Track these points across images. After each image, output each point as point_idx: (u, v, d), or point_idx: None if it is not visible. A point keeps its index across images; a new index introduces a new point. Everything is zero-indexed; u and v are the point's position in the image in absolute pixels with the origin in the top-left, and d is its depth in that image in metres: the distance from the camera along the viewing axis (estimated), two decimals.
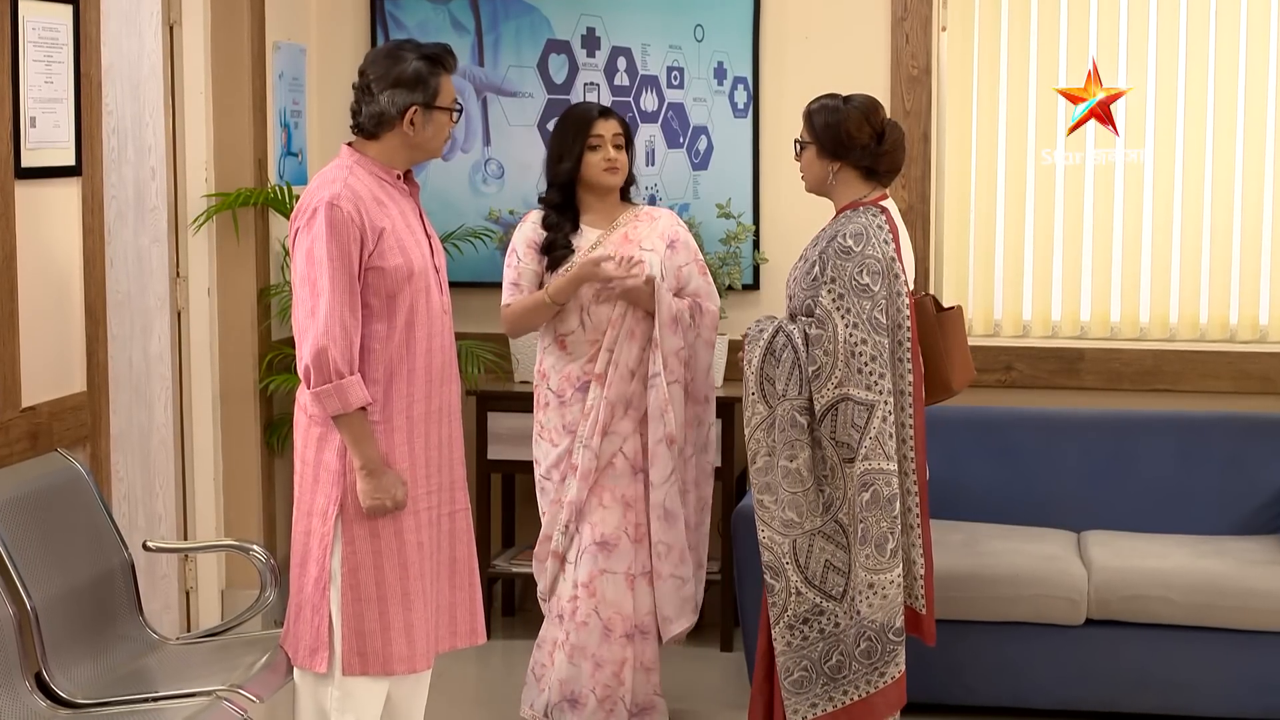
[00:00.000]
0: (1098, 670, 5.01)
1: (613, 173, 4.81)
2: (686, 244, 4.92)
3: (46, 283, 4.44)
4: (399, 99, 4.01)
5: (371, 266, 3.95)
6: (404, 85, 4.01)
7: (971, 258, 6.03)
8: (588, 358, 4.79)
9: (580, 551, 4.81)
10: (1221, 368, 5.85)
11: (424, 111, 4.03)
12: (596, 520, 4.79)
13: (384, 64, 4.03)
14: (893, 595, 4.28)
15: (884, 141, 4.41)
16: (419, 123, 4.03)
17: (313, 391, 3.92)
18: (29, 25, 4.31)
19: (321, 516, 4.01)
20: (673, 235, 4.89)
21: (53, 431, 4.41)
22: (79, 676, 3.99)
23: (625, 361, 4.76)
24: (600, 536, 4.79)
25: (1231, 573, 5.00)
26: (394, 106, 4.01)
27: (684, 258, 4.89)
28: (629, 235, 4.84)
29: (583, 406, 4.78)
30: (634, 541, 4.81)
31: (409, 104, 4.01)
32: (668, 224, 4.91)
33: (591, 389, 4.77)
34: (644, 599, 4.85)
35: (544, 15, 6.14)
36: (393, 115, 4.02)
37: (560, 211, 4.83)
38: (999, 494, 5.56)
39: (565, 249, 4.79)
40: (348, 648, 4.02)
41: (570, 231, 4.81)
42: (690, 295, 4.87)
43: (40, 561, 4.01)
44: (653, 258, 4.81)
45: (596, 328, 4.78)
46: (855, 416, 4.23)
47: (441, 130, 4.09)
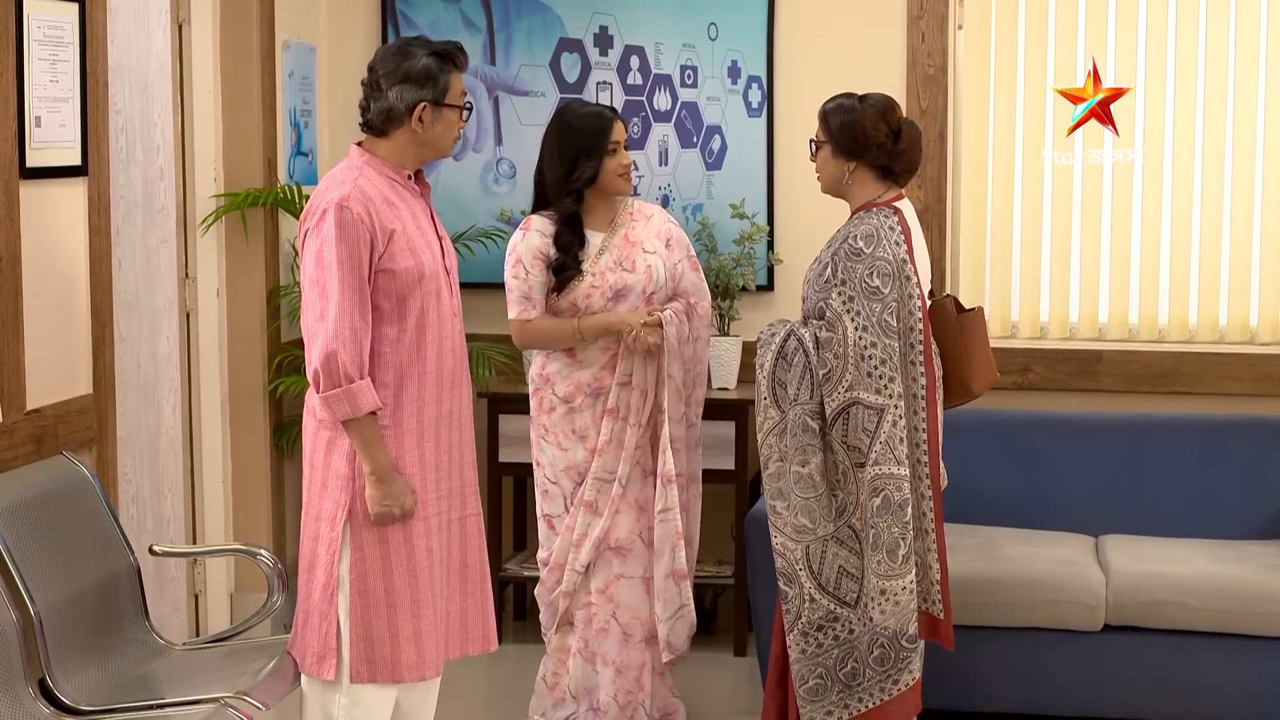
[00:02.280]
0: (1116, 677, 4.96)
1: (627, 179, 4.76)
2: (680, 240, 4.88)
3: (52, 284, 4.41)
4: (408, 95, 3.96)
5: (382, 269, 3.90)
6: (413, 81, 3.96)
7: (988, 258, 5.98)
8: (600, 365, 4.74)
9: (595, 557, 4.76)
10: (1242, 370, 5.80)
11: (433, 108, 3.98)
12: (610, 525, 4.74)
13: (393, 60, 3.99)
14: (905, 602, 4.24)
15: (900, 140, 4.37)
16: (428, 120, 3.98)
17: (322, 396, 3.87)
18: (34, 23, 4.27)
19: (330, 522, 3.96)
20: (667, 233, 4.85)
21: (58, 434, 4.37)
22: (83, 683, 3.95)
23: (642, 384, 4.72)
24: (615, 541, 4.75)
25: (1251, 578, 4.95)
26: (402, 103, 3.96)
27: (678, 254, 4.85)
28: (629, 237, 4.79)
29: (594, 413, 4.73)
30: (647, 545, 4.78)
31: (417, 100, 3.96)
32: (661, 222, 4.86)
33: (605, 425, 4.72)
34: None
35: (556, 13, 6.10)
36: (401, 111, 3.97)
37: (571, 228, 4.73)
38: (1016, 498, 5.51)
39: (576, 269, 4.72)
40: (356, 655, 3.97)
41: (580, 248, 4.73)
42: (683, 294, 4.83)
43: (44, 566, 3.97)
44: (656, 260, 4.78)
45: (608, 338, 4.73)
46: (865, 420, 4.19)
47: (451, 128, 4.04)
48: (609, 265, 4.72)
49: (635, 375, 4.72)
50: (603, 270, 4.71)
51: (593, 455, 4.75)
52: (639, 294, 4.74)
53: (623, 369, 4.71)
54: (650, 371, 4.72)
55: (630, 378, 4.72)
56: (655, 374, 4.72)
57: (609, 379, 4.74)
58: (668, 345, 4.69)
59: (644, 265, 4.75)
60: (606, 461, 4.73)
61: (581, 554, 4.75)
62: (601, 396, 4.74)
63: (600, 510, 4.74)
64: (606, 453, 4.73)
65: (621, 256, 4.74)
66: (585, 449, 4.76)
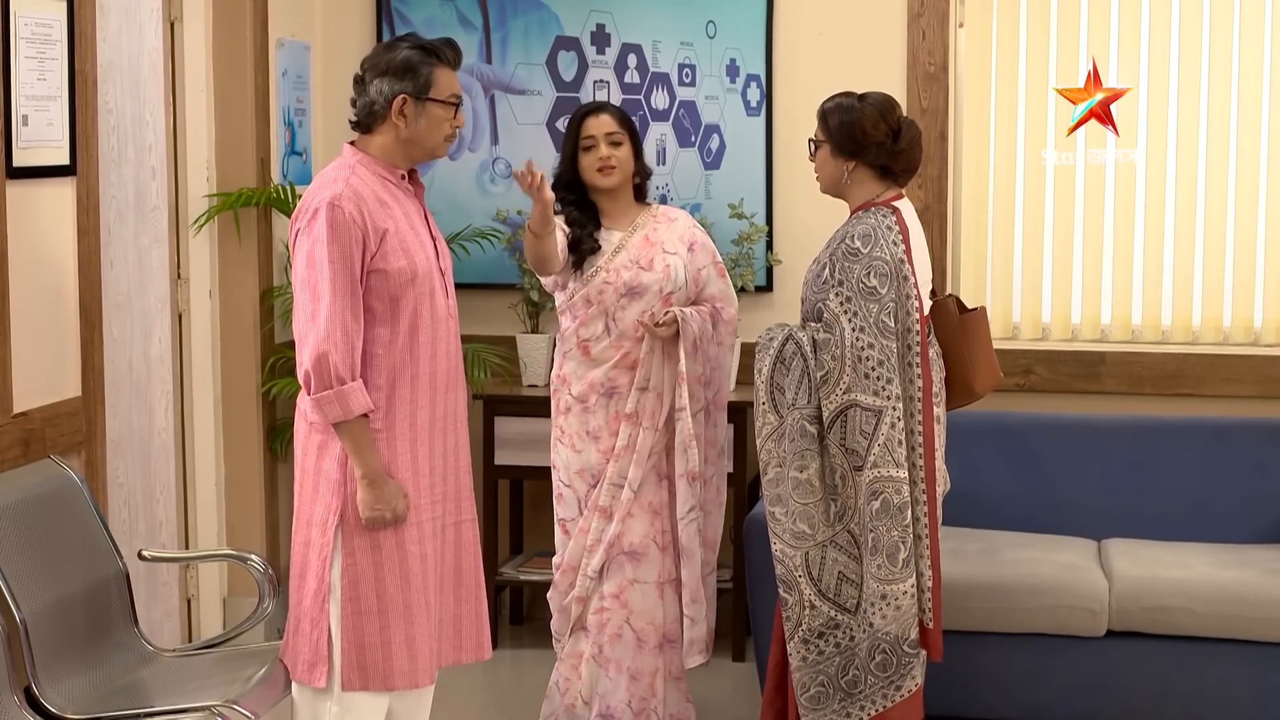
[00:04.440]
0: (1119, 683, 4.91)
1: (606, 173, 4.71)
2: (705, 246, 4.84)
3: (39, 285, 4.35)
4: (386, 88, 3.89)
5: (374, 269, 3.84)
6: (393, 74, 3.89)
7: (989, 259, 5.94)
8: (612, 364, 4.69)
9: (608, 561, 4.71)
10: (1246, 372, 5.75)
11: (414, 102, 3.90)
12: (624, 529, 4.69)
13: (378, 54, 3.94)
14: (907, 606, 4.20)
15: (900, 140, 4.34)
16: (410, 114, 3.91)
17: (313, 398, 3.81)
18: (21, 21, 4.22)
19: (320, 527, 3.90)
20: (691, 238, 4.81)
21: (45, 438, 4.32)
22: (70, 690, 3.90)
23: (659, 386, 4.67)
24: (629, 546, 4.70)
25: (1257, 583, 4.91)
26: (382, 96, 3.90)
27: (703, 260, 4.81)
28: (649, 237, 4.75)
29: (607, 413, 4.69)
30: (662, 549, 4.74)
31: (397, 93, 3.89)
32: (685, 226, 4.83)
33: (623, 430, 4.68)
34: (672, 607, 4.77)
35: (553, 11, 6.06)
36: (382, 105, 3.90)
37: (581, 209, 4.74)
38: (1017, 501, 5.47)
39: (593, 246, 4.69)
40: (347, 662, 3.91)
41: (594, 229, 4.71)
42: (708, 299, 4.80)
43: (31, 572, 3.92)
44: (676, 261, 4.74)
45: (623, 334, 4.69)
46: (863, 423, 4.15)
47: (436, 124, 3.95)
48: (624, 263, 4.69)
49: (653, 378, 4.67)
50: (617, 267, 4.69)
51: (606, 456, 4.70)
52: (656, 293, 4.70)
53: (641, 373, 4.67)
54: (668, 374, 4.68)
55: (649, 381, 4.67)
56: (671, 376, 4.67)
57: (623, 378, 4.69)
58: (685, 339, 4.64)
59: (662, 265, 4.72)
60: (622, 467, 4.68)
61: (594, 559, 4.70)
62: (615, 396, 4.69)
63: (613, 515, 4.69)
64: (623, 458, 4.68)
65: (639, 255, 4.71)
66: (598, 450, 4.71)
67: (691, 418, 4.67)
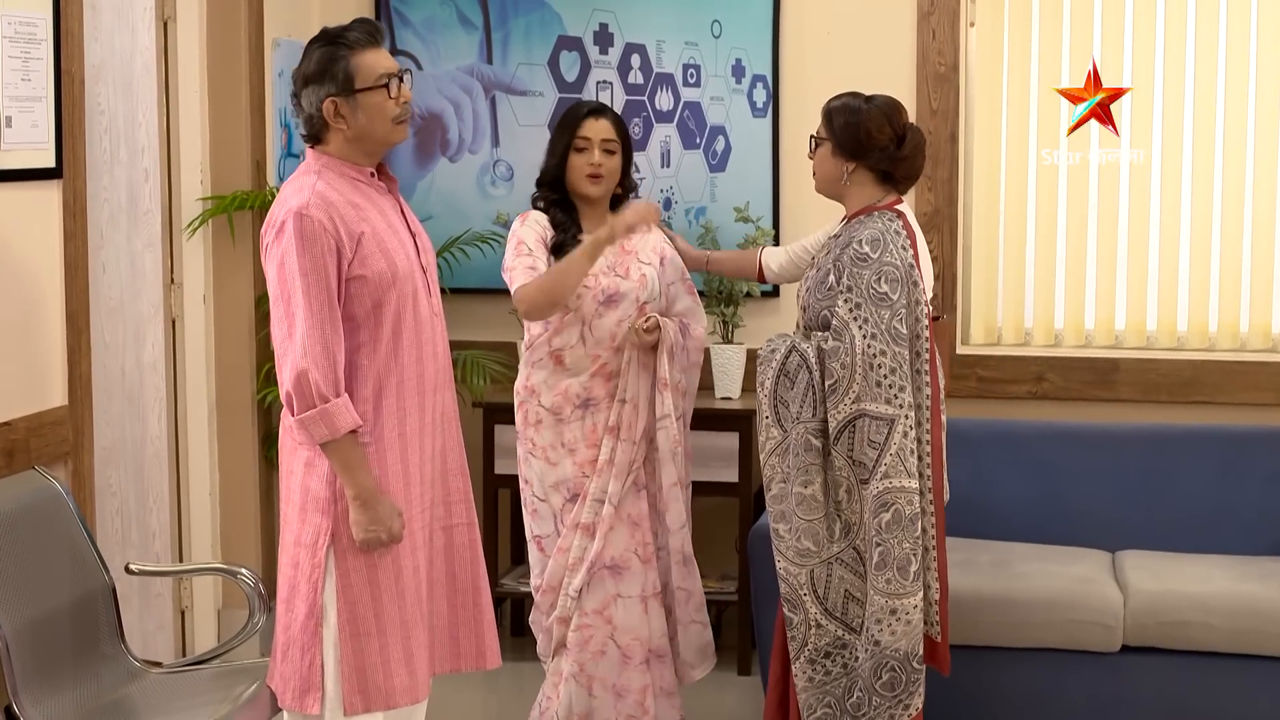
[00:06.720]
0: (1134, 700, 4.84)
1: (595, 180, 4.60)
2: (673, 261, 4.76)
3: (22, 291, 4.26)
4: (314, 96, 3.76)
5: (353, 275, 3.70)
6: (314, 80, 3.76)
7: (1001, 263, 5.85)
8: (589, 373, 4.58)
9: (589, 576, 4.59)
10: (1264, 379, 5.67)
11: (344, 100, 3.75)
12: (603, 544, 4.57)
13: (299, 64, 3.80)
14: (916, 621, 4.11)
15: (904, 145, 4.26)
16: (346, 113, 3.75)
17: (297, 419, 3.65)
18: (4, 20, 4.13)
19: (309, 549, 3.74)
20: (661, 251, 4.74)
21: (30, 448, 4.22)
22: (53, 709, 3.81)
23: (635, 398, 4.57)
24: (610, 560, 4.58)
25: (1276, 596, 4.83)
26: (313, 105, 3.76)
27: (672, 275, 4.74)
28: (625, 245, 4.66)
29: (584, 426, 4.57)
30: (644, 562, 4.62)
31: (324, 97, 3.75)
32: (657, 238, 4.75)
33: (604, 444, 4.57)
34: (658, 621, 4.66)
35: (555, 11, 5.97)
36: (317, 114, 3.76)
37: (564, 210, 4.64)
38: (1029, 512, 5.39)
39: (576, 245, 4.56)
40: (349, 687, 3.74)
41: (577, 233, 4.61)
42: (678, 315, 4.71)
43: (13, 586, 3.82)
44: (650, 271, 4.67)
45: (599, 343, 4.57)
46: (873, 432, 4.05)
47: (377, 112, 3.77)
48: (602, 269, 4.59)
49: (629, 390, 4.56)
50: (595, 274, 4.57)
51: (583, 469, 4.59)
52: (633, 300, 4.61)
53: (621, 385, 4.56)
54: (644, 385, 4.57)
55: (626, 393, 4.56)
56: (649, 387, 4.57)
57: (599, 389, 4.58)
58: (664, 344, 4.55)
59: (638, 274, 4.64)
60: (604, 482, 4.57)
61: (576, 578, 4.59)
62: (591, 408, 4.58)
63: (595, 532, 4.58)
64: (605, 472, 4.57)
65: (615, 263, 4.62)
66: (574, 463, 4.60)
67: (674, 424, 4.59)
